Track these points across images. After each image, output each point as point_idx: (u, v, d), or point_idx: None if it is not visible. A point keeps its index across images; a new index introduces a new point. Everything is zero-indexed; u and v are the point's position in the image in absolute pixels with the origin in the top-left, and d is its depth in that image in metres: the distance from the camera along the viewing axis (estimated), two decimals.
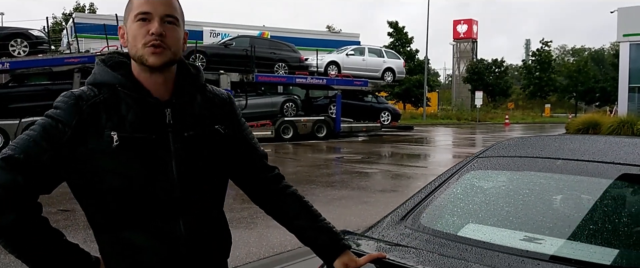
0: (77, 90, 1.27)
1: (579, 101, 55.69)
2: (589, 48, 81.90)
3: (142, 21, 1.24)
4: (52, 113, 1.23)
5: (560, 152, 2.09)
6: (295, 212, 1.46)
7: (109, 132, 1.21)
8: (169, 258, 1.27)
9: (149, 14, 1.24)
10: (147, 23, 1.24)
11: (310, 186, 8.54)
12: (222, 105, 1.40)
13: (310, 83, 20.23)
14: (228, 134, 1.38)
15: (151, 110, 1.27)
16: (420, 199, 2.06)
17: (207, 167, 1.33)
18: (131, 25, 1.26)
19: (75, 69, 14.99)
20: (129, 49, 1.28)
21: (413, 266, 1.31)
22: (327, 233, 1.44)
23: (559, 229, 1.75)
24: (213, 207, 1.39)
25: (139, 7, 1.25)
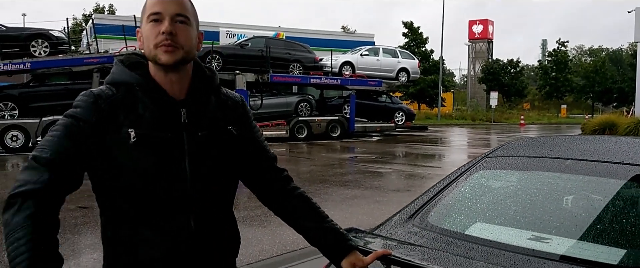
0: (96, 90, 1.31)
1: (596, 102, 54.91)
2: (606, 48, 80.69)
3: (154, 22, 1.28)
4: (73, 112, 1.28)
5: (569, 152, 2.10)
6: (303, 213, 1.49)
7: (126, 129, 1.25)
8: (177, 253, 1.30)
9: (159, 14, 1.28)
10: (158, 23, 1.28)
11: (324, 185, 8.58)
12: (235, 108, 1.44)
13: (325, 83, 20.26)
14: (240, 135, 1.42)
15: (167, 110, 1.31)
16: (429, 198, 2.09)
17: (219, 166, 1.37)
18: (145, 26, 1.31)
19: (95, 68, 15.22)
20: (144, 50, 1.32)
21: (419, 263, 1.34)
22: (333, 234, 1.47)
23: (567, 229, 1.76)
24: (223, 205, 1.42)
25: (150, 8, 1.30)
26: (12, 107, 14.68)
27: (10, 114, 14.62)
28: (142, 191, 1.27)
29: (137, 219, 1.29)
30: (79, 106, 1.28)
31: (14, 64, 14.74)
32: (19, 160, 12.66)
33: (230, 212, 1.46)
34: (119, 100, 1.29)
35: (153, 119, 1.29)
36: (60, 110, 14.78)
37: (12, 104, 14.70)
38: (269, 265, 4.42)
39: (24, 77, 18.35)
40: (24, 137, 14.38)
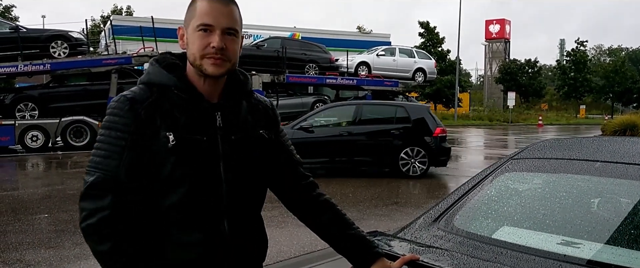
0: (130, 93, 1.29)
1: (616, 102, 54.03)
2: (626, 48, 79.36)
3: (203, 32, 1.26)
4: (111, 123, 1.26)
5: (598, 154, 2.04)
6: (328, 220, 1.48)
7: (164, 132, 1.25)
8: (212, 256, 1.30)
9: (211, 26, 1.26)
10: (208, 34, 1.26)
11: (341, 186, 8.54)
12: (265, 112, 1.45)
13: (341, 83, 20.21)
14: (270, 139, 1.42)
15: (203, 113, 1.30)
16: (454, 201, 2.04)
17: (252, 169, 1.37)
18: (192, 33, 1.28)
19: (113, 69, 15.37)
20: (188, 54, 1.31)
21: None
22: (360, 242, 1.45)
23: (598, 233, 1.70)
24: (255, 209, 1.43)
25: (201, 18, 1.26)
26: (32, 107, 14.89)
27: (31, 114, 14.84)
28: (178, 194, 1.27)
29: (170, 222, 1.28)
30: (116, 114, 1.26)
31: (34, 65, 14.95)
32: (39, 160, 12.85)
33: (260, 215, 1.46)
34: (155, 103, 1.27)
35: (189, 122, 1.28)
36: (79, 110, 15.01)
37: (32, 104, 14.92)
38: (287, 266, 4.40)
39: (43, 78, 18.64)
40: (43, 137, 14.57)
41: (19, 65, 14.82)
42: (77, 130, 14.90)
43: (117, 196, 1.21)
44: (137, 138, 1.24)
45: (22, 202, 7.16)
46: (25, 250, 4.89)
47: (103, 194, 1.21)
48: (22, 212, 6.53)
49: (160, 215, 1.28)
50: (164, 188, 1.26)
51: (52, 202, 6.99)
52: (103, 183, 1.21)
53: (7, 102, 14.87)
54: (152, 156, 1.25)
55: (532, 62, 49.74)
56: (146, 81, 1.32)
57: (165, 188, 1.26)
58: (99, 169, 1.23)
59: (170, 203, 1.27)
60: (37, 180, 9.91)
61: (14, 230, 5.65)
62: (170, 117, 1.27)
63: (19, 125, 14.36)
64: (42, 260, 4.58)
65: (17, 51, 14.92)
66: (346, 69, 20.52)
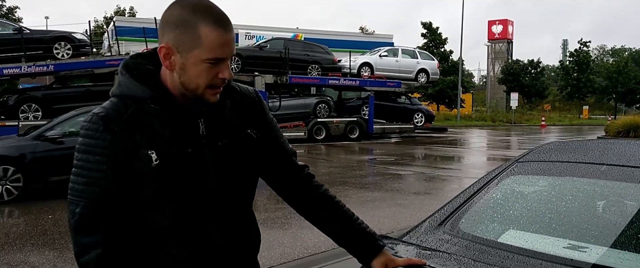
0: (102, 111, 1.19)
1: (619, 103, 53.88)
2: (629, 48, 79.16)
3: (212, 65, 1.17)
4: (87, 146, 1.18)
5: (604, 157, 2.03)
6: (329, 214, 1.43)
7: (146, 151, 1.17)
8: (202, 263, 1.28)
9: (223, 59, 1.18)
10: (217, 66, 1.17)
11: (343, 187, 8.54)
12: (251, 106, 1.36)
13: (343, 84, 20.23)
14: (259, 137, 1.36)
15: (184, 123, 1.23)
16: (459, 204, 2.04)
17: (242, 174, 1.32)
18: (196, 63, 1.16)
19: (116, 71, 15.36)
20: (181, 78, 1.19)
21: None
22: (362, 234, 1.42)
23: (605, 237, 1.70)
24: (246, 208, 1.38)
25: (213, 52, 1.15)
26: (36, 108, 14.91)
27: (34, 115, 14.85)
28: (166, 212, 1.22)
29: (160, 236, 1.24)
30: (91, 137, 1.17)
31: (37, 66, 14.97)
32: None
33: (251, 211, 1.42)
34: (132, 119, 1.18)
35: (172, 135, 1.20)
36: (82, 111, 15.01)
37: (36, 105, 14.93)
38: None
39: (47, 79, 18.67)
40: None
41: (23, 66, 14.84)
42: None
43: (108, 227, 1.17)
44: (117, 160, 1.16)
45: (24, 203, 7.18)
46: (29, 252, 4.90)
47: (94, 228, 1.16)
48: (24, 213, 6.55)
49: (150, 232, 1.24)
50: (151, 207, 1.21)
51: (56, 203, 7.01)
52: (92, 215, 1.16)
53: (11, 103, 14.88)
54: (135, 176, 1.18)
55: (535, 62, 49.64)
56: (118, 94, 1.22)
57: (152, 206, 1.21)
58: (83, 198, 1.17)
59: (159, 221, 1.22)
60: None
61: (18, 232, 5.67)
62: (150, 132, 1.18)
63: (23, 126, 14.33)
64: (46, 262, 4.59)
65: (21, 52, 14.94)
66: (349, 69, 20.53)
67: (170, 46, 1.16)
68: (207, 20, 1.13)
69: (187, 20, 1.14)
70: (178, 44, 1.16)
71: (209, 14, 1.14)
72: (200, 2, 1.16)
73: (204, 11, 1.14)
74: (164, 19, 1.18)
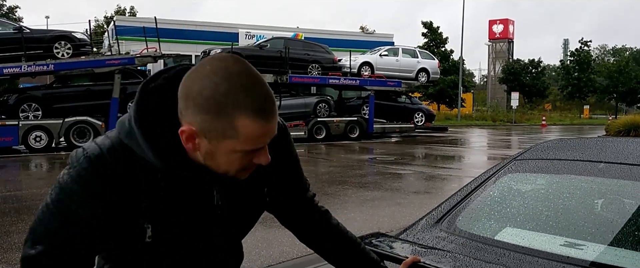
0: (98, 161, 0.97)
1: (620, 102, 53.84)
2: (630, 48, 79.08)
3: (246, 153, 0.97)
4: (65, 208, 0.97)
5: (602, 154, 2.03)
6: (338, 246, 1.34)
7: (143, 222, 0.99)
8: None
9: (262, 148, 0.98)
10: (253, 153, 0.98)
11: (343, 186, 8.53)
12: (276, 141, 1.04)
13: (344, 84, 20.22)
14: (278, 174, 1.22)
15: (197, 192, 1.05)
16: (456, 202, 2.03)
17: (253, 222, 1.22)
18: (228, 153, 0.96)
19: (116, 70, 15.40)
20: (207, 161, 0.98)
21: None
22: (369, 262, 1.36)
23: (602, 235, 1.69)
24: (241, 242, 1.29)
25: (250, 144, 0.95)
26: (36, 107, 14.94)
27: (34, 114, 14.88)
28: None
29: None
30: (74, 193, 0.96)
31: (37, 65, 14.98)
32: (42, 160, 12.88)
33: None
34: (132, 180, 0.98)
35: (178, 206, 1.02)
36: (82, 111, 15.05)
37: (36, 105, 14.96)
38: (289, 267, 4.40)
39: (47, 78, 18.69)
40: (47, 137, 14.62)
41: (23, 65, 14.85)
42: (81, 130, 14.93)
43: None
44: (100, 223, 0.97)
45: (25, 202, 7.18)
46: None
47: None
48: (26, 212, 6.54)
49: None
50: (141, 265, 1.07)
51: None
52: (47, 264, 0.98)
53: (11, 102, 14.92)
54: (122, 245, 1.02)
55: (536, 62, 49.60)
56: (122, 142, 0.99)
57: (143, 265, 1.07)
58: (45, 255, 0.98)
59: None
60: (41, 181, 9.93)
61: (17, 231, 5.66)
62: (151, 198, 0.99)
63: (23, 126, 14.39)
64: None
65: (21, 52, 14.95)
66: (349, 69, 20.54)
67: (194, 131, 0.93)
68: (247, 109, 0.90)
69: (221, 105, 0.90)
70: (206, 130, 0.93)
71: (249, 98, 0.90)
72: (239, 78, 0.91)
73: (243, 94, 0.90)
74: (188, 91, 0.92)
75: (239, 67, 0.92)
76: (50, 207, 0.98)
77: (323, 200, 7.27)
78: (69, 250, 0.98)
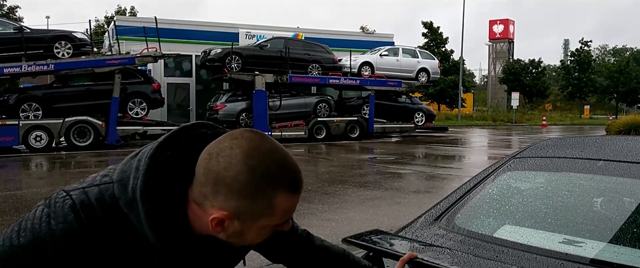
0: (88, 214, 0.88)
1: (620, 102, 53.83)
2: (631, 48, 79.03)
3: (275, 226, 0.97)
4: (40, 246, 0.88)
5: (601, 152, 2.03)
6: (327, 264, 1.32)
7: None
8: None
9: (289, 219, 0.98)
10: (279, 226, 0.98)
11: (343, 186, 8.53)
12: None
13: (344, 84, 20.22)
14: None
15: (182, 263, 1.00)
16: (455, 200, 2.04)
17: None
18: (259, 229, 0.94)
19: (116, 70, 15.41)
20: (230, 239, 0.95)
21: (447, 267, 1.29)
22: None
23: (601, 232, 1.69)
24: None
25: (283, 218, 0.94)
26: (36, 107, 14.95)
27: (35, 114, 14.89)
28: None
29: None
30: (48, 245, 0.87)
31: (38, 65, 14.99)
32: (43, 160, 12.88)
33: None
34: (119, 249, 0.91)
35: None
36: (83, 110, 15.07)
37: (36, 104, 14.98)
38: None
39: (47, 78, 18.70)
40: (47, 137, 14.63)
41: (23, 65, 14.86)
42: (81, 130, 14.94)
43: None
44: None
45: (25, 201, 7.18)
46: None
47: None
48: (26, 211, 6.53)
49: None
50: None
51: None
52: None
53: (11, 102, 14.94)
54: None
55: (536, 62, 49.59)
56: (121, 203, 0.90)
57: None
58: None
59: None
60: (41, 180, 9.94)
61: None
62: (130, 266, 0.93)
63: (23, 125, 14.40)
64: None
65: (21, 51, 14.96)
66: (349, 69, 20.53)
67: (228, 216, 0.89)
68: (284, 187, 0.90)
69: (260, 189, 0.88)
70: (241, 213, 0.90)
71: (285, 175, 0.91)
72: (272, 157, 0.90)
73: (279, 172, 0.90)
74: (219, 177, 0.88)
75: (269, 144, 0.91)
76: (16, 252, 0.88)
77: (323, 199, 7.29)
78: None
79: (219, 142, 0.91)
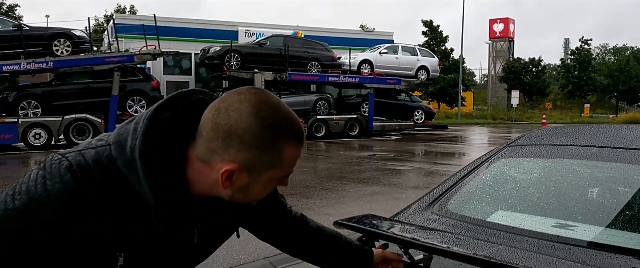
0: (86, 175, 0.88)
1: (620, 101, 53.82)
2: (631, 47, 78.99)
3: (280, 179, 1.00)
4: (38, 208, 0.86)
5: (595, 140, 2.03)
6: (321, 247, 1.34)
7: (115, 250, 0.91)
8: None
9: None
10: (283, 179, 1.00)
11: (342, 182, 8.53)
12: None
13: (343, 81, 20.22)
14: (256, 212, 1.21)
15: (179, 231, 1.00)
16: (449, 186, 2.04)
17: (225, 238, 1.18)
18: (266, 182, 0.97)
19: (115, 67, 15.41)
20: (235, 195, 0.96)
21: (437, 245, 1.29)
22: (353, 249, 1.37)
23: (593, 216, 1.70)
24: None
25: (289, 169, 0.97)
26: (35, 105, 14.95)
27: (34, 112, 14.89)
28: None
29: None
30: (46, 208, 0.86)
31: (37, 63, 14.98)
32: (42, 158, 12.88)
33: None
34: (114, 210, 0.89)
35: (155, 241, 0.96)
36: (82, 108, 15.07)
37: (35, 102, 14.97)
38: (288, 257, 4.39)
39: (47, 76, 18.69)
40: (46, 135, 14.62)
41: (22, 63, 14.85)
42: (80, 128, 14.94)
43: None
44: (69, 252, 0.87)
45: None
46: None
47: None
48: None
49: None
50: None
51: None
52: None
53: (10, 100, 14.94)
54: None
55: (536, 60, 49.56)
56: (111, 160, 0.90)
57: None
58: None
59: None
60: None
61: None
62: (126, 225, 0.91)
63: (22, 123, 14.40)
64: None
65: (20, 49, 14.96)
66: (349, 66, 20.53)
67: (239, 167, 0.91)
68: (291, 138, 0.94)
69: (270, 140, 0.91)
70: (251, 165, 0.92)
71: (292, 128, 0.94)
72: (279, 109, 0.94)
73: (286, 126, 0.93)
74: (231, 129, 0.89)
75: (274, 99, 0.95)
76: (11, 215, 0.86)
77: (321, 195, 7.29)
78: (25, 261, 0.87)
79: (225, 98, 0.93)
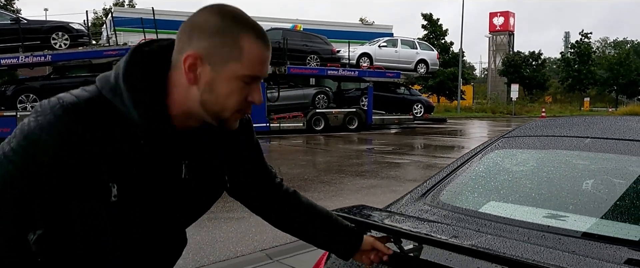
0: (75, 107, 0.94)
1: (620, 95, 53.80)
2: (631, 40, 78.87)
3: (246, 83, 1.01)
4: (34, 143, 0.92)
5: (589, 130, 2.04)
6: (311, 224, 1.36)
7: (108, 180, 0.95)
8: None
9: (259, 78, 1.02)
10: (249, 86, 1.02)
11: (340, 175, 8.54)
12: (239, 131, 1.15)
13: (342, 75, 20.20)
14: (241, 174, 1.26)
15: (167, 163, 1.05)
16: (441, 178, 2.04)
17: (212, 201, 1.22)
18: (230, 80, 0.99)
19: (114, 61, 15.38)
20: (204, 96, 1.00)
21: (426, 235, 1.29)
22: (344, 230, 1.38)
23: (585, 206, 1.70)
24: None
25: (251, 68, 0.99)
26: (34, 98, 14.93)
27: (32, 105, 14.86)
28: (112, 247, 1.03)
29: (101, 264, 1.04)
30: (41, 141, 0.91)
31: (35, 56, 14.96)
32: None
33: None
34: (107, 135, 0.95)
35: (147, 171, 1.00)
36: None
37: (34, 95, 14.96)
38: (285, 250, 4.42)
39: (45, 69, 18.66)
40: None
41: (20, 56, 14.83)
42: None
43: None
44: (58, 177, 0.93)
45: None
46: None
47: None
48: None
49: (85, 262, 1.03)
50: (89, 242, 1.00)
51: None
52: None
53: (9, 93, 14.92)
54: (79, 206, 0.96)
55: (536, 54, 49.49)
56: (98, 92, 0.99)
57: (92, 242, 1.00)
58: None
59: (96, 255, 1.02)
60: None
61: None
62: (119, 160, 0.96)
63: (21, 117, 14.37)
64: None
65: (18, 42, 14.92)
66: (348, 60, 20.49)
67: (200, 55, 0.97)
68: (250, 32, 0.99)
69: (227, 28, 0.97)
70: (211, 54, 0.97)
71: (251, 25, 1.00)
72: (240, 12, 1.00)
73: (245, 21, 0.99)
74: (194, 24, 0.98)
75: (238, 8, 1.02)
76: (8, 155, 0.92)
77: (319, 188, 7.30)
78: (24, 201, 0.93)
79: (197, 12, 1.02)
